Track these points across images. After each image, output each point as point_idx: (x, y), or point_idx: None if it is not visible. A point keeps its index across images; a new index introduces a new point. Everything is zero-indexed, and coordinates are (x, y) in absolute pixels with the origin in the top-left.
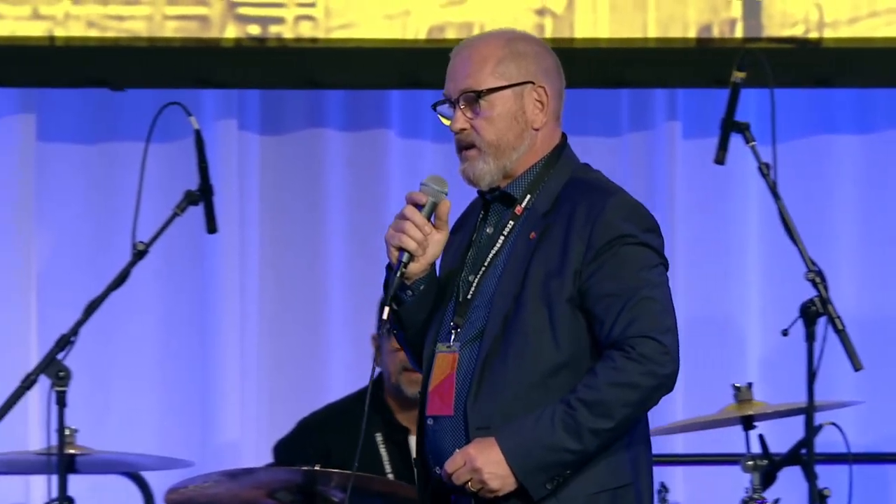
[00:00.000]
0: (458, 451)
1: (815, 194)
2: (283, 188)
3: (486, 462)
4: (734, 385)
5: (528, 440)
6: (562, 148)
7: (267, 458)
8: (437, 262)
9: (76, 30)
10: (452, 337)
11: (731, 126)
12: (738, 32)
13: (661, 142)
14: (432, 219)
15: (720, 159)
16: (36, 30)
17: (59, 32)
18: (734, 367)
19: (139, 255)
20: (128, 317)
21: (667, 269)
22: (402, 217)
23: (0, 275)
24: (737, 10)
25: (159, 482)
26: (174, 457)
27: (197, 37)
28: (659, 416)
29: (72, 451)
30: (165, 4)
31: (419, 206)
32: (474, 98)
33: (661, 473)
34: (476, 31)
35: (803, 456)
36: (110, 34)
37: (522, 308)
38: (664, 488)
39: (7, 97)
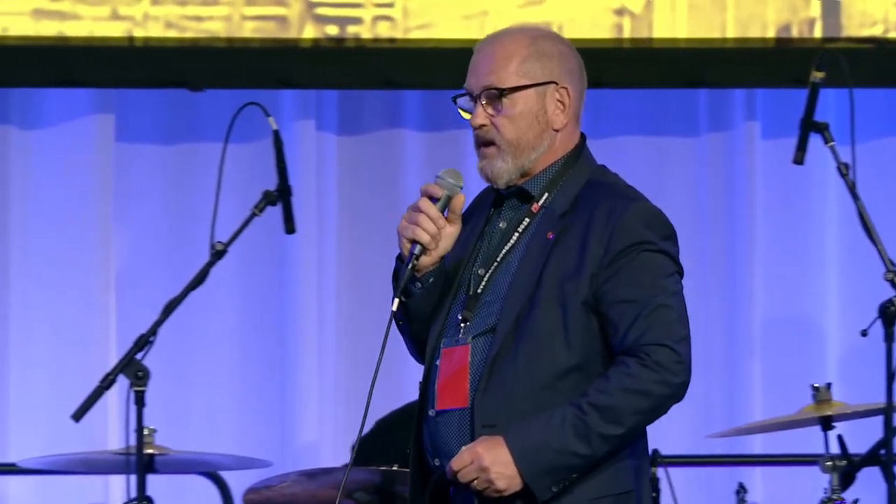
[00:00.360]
0: (464, 448)
1: (895, 194)
2: (361, 189)
3: (494, 461)
4: (813, 385)
5: (538, 442)
6: (580, 149)
7: (345, 457)
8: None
9: (155, 30)
10: (461, 331)
11: (809, 126)
12: (817, 32)
13: (739, 142)
14: (445, 212)
15: (799, 159)
16: (115, 30)
17: (138, 33)
18: (813, 367)
19: (218, 255)
20: (206, 317)
21: (682, 277)
22: (417, 209)
23: (79, 275)
24: (816, 10)
25: (238, 482)
26: (252, 457)
27: (275, 37)
28: (737, 416)
29: (150, 451)
30: (244, 5)
31: (434, 199)
32: (497, 95)
33: (739, 474)
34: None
35: (882, 457)
36: (189, 35)
37: (536, 308)
38: (742, 489)
39: (86, 98)
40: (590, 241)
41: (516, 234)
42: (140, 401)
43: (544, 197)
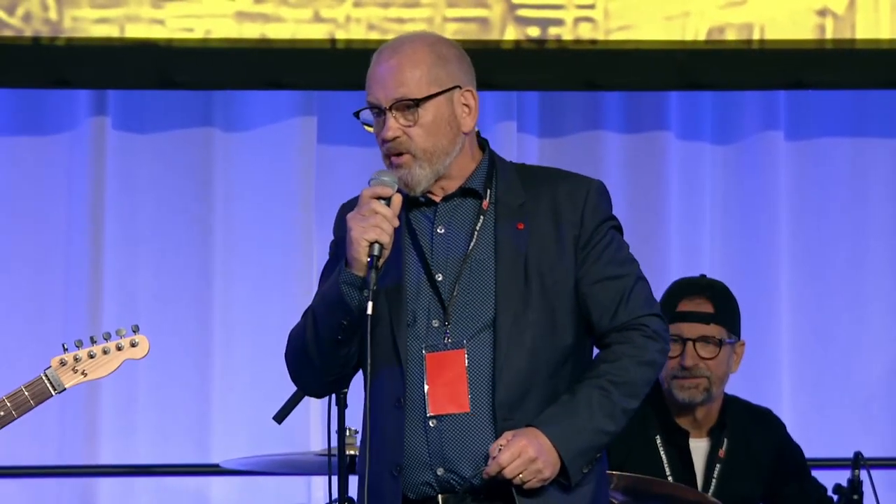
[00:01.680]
0: (504, 443)
1: None
2: None
3: (540, 451)
4: None
5: (572, 426)
6: (488, 144)
7: None
8: None
9: (357, 32)
10: (446, 336)
11: None
12: None
13: None
14: None
15: None
16: (317, 33)
17: (340, 35)
18: None
19: None
20: None
21: None
22: (372, 211)
23: (282, 277)
24: None
25: None
26: None
27: (476, 39)
28: None
29: (352, 453)
30: (446, 7)
31: (379, 199)
32: (410, 106)
33: None
34: (756, 33)
35: None
36: (391, 37)
37: (532, 298)
38: None
39: (289, 100)
40: (563, 225)
41: (476, 233)
42: (342, 402)
43: (488, 194)
